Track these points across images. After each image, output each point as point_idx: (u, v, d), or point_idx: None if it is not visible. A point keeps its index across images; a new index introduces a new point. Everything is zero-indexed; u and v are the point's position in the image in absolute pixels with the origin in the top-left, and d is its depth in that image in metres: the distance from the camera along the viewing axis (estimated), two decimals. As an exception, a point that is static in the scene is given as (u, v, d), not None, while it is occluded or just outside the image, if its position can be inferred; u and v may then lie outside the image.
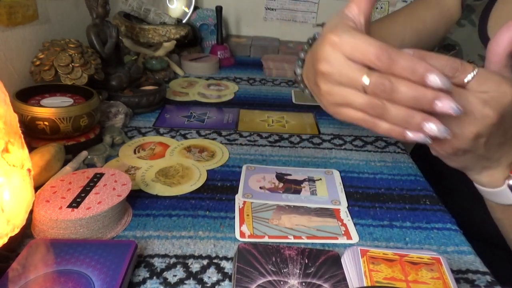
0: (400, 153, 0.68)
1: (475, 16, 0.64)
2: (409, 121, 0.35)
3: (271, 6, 1.37)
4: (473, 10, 0.66)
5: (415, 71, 0.33)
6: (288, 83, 1.02)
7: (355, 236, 0.47)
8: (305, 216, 0.50)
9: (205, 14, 1.24)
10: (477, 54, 0.60)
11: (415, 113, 0.34)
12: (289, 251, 0.41)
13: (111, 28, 0.78)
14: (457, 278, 0.42)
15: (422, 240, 0.48)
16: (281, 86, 0.99)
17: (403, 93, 0.33)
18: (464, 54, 0.63)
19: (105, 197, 0.45)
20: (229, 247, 0.45)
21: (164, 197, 0.53)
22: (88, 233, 0.43)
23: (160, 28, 1.05)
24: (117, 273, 0.37)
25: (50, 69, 0.66)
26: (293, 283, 0.38)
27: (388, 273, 0.38)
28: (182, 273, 0.41)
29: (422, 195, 0.56)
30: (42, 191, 0.46)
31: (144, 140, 0.67)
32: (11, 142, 0.34)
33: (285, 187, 0.56)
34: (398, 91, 0.33)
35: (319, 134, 0.74)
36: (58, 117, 0.56)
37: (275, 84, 1.00)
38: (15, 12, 0.69)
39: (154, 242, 0.45)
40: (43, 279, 0.36)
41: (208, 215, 0.50)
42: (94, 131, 0.63)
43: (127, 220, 0.48)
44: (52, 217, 0.42)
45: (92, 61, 0.70)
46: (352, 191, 0.57)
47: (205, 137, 0.70)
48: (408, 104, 0.34)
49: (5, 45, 0.68)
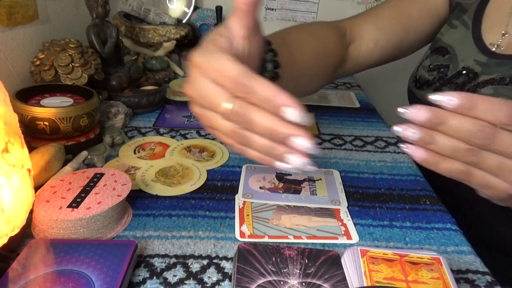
0: (400, 153, 0.68)
1: (467, 17, 0.63)
2: (272, 152, 0.34)
3: (271, 6, 1.37)
4: (464, 10, 0.64)
5: (271, 102, 0.32)
6: (288, 83, 1.02)
7: (355, 236, 0.47)
8: (305, 216, 0.50)
9: (205, 14, 1.24)
10: (473, 59, 0.59)
11: (276, 145, 0.33)
12: (289, 251, 0.41)
13: (111, 28, 0.78)
14: (457, 278, 0.42)
15: (422, 240, 0.48)
16: (281, 86, 0.99)
17: (259, 124, 0.32)
18: (459, 60, 0.62)
19: (105, 197, 0.45)
20: (229, 247, 0.45)
21: (164, 197, 0.53)
22: (88, 233, 0.43)
23: (160, 28, 1.05)
24: (117, 273, 0.37)
25: (50, 69, 0.66)
26: (293, 283, 0.38)
27: (388, 273, 0.38)
28: (182, 273, 0.41)
29: (422, 195, 0.56)
30: (42, 191, 0.46)
31: (144, 140, 0.67)
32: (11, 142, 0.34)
33: (285, 187, 0.56)
34: (254, 122, 0.33)
35: (319, 134, 0.74)
36: (58, 117, 0.56)
37: (275, 84, 1.00)
38: (15, 12, 0.69)
39: (154, 242, 0.45)
40: (43, 279, 0.36)
41: (208, 215, 0.50)
42: (94, 131, 0.63)
43: (127, 220, 0.48)
44: (52, 217, 0.42)
45: (92, 61, 0.70)
46: (352, 191, 0.57)
47: (205, 137, 0.70)
48: (266, 136, 0.33)
49: (5, 45, 0.68)
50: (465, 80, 0.59)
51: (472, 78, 0.58)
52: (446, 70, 0.63)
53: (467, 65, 0.60)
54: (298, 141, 0.32)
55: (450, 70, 0.62)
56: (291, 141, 0.32)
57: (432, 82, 0.64)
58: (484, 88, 0.56)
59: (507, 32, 0.58)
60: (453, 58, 0.63)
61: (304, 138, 0.32)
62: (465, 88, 0.58)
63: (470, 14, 0.63)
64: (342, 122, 0.80)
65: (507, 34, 0.58)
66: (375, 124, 0.80)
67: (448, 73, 0.62)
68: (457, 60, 0.62)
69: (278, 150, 0.34)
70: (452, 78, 0.61)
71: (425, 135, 0.33)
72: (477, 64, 0.59)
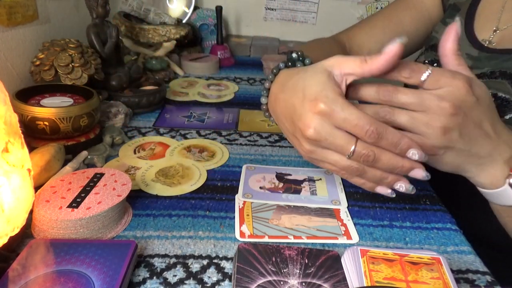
0: (400, 153, 0.68)
1: (460, 15, 0.64)
2: (382, 181, 0.41)
3: (271, 6, 1.37)
4: (458, 8, 0.65)
5: (398, 145, 0.38)
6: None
7: (355, 236, 0.47)
8: (305, 216, 0.50)
9: (205, 14, 1.24)
10: (465, 53, 0.60)
11: (388, 175, 0.40)
12: (289, 251, 0.41)
13: (111, 28, 0.78)
14: (457, 278, 0.42)
15: (422, 240, 0.48)
16: (281, 86, 0.99)
17: (384, 163, 0.39)
18: None
19: (105, 197, 0.45)
20: (229, 247, 0.45)
21: (164, 197, 0.53)
22: (88, 233, 0.43)
23: (160, 28, 1.05)
24: (117, 273, 0.37)
25: (50, 69, 0.66)
26: (293, 283, 0.38)
27: (388, 273, 0.38)
28: (182, 273, 0.41)
29: (422, 195, 0.56)
30: (42, 191, 0.46)
31: (144, 140, 0.67)
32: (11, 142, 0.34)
33: (285, 187, 0.56)
34: (380, 161, 0.38)
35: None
36: (58, 117, 0.56)
37: (275, 84, 1.00)
38: (15, 12, 0.69)
39: (154, 242, 0.45)
40: (43, 279, 0.36)
41: (208, 215, 0.50)
42: (94, 131, 0.63)
43: (127, 220, 0.48)
44: (52, 217, 0.42)
45: (92, 61, 0.70)
46: (352, 191, 0.57)
47: (205, 137, 0.70)
48: (386, 171, 0.40)
49: (5, 45, 0.68)
50: None
51: None
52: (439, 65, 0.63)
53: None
54: (417, 172, 0.39)
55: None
56: (412, 173, 0.40)
57: None
58: None
59: (498, 28, 0.59)
60: None
61: (422, 169, 0.39)
62: None
63: (463, 13, 0.64)
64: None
65: (498, 30, 0.59)
66: (375, 124, 0.80)
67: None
68: None
69: (389, 179, 0.41)
70: None
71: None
72: (469, 58, 0.60)
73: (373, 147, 0.38)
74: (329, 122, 0.38)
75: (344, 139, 0.38)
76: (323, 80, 0.39)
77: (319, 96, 0.38)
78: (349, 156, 0.39)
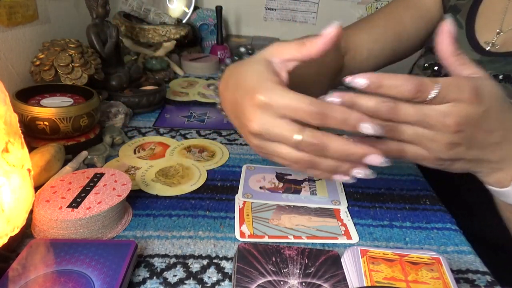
0: (400, 153, 0.68)
1: (460, 16, 0.63)
2: (337, 170, 0.37)
3: (271, 6, 1.37)
4: (458, 10, 0.65)
5: (348, 121, 0.34)
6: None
7: (355, 236, 0.47)
8: (305, 216, 0.50)
9: (205, 14, 1.24)
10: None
11: (342, 164, 0.37)
12: (289, 251, 0.41)
13: (111, 28, 0.78)
14: (457, 278, 0.42)
15: (422, 240, 0.48)
16: (281, 86, 0.99)
17: (334, 151, 0.35)
18: None
19: (105, 197, 0.45)
20: (229, 247, 0.45)
21: (164, 197, 0.53)
22: (88, 233, 0.43)
23: (160, 28, 1.05)
24: (117, 273, 0.37)
25: (50, 69, 0.66)
26: (293, 283, 0.38)
27: (388, 273, 0.38)
28: (182, 273, 0.41)
29: (422, 195, 0.56)
30: (42, 191, 0.46)
31: (144, 140, 0.67)
32: (11, 142, 0.34)
33: (285, 187, 0.56)
34: (329, 149, 0.35)
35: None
36: (58, 117, 0.56)
37: (275, 84, 1.00)
38: (15, 12, 0.69)
39: (154, 242, 0.45)
40: (43, 279, 0.36)
41: (208, 215, 0.50)
42: (94, 131, 0.63)
43: (127, 220, 0.48)
44: (52, 217, 0.42)
45: (92, 61, 0.70)
46: (352, 191, 0.57)
47: (205, 137, 0.70)
48: (341, 159, 0.36)
49: (5, 45, 0.68)
50: None
51: None
52: (439, 68, 0.63)
53: None
54: (372, 158, 0.35)
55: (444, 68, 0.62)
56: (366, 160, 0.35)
57: None
58: None
59: (502, 31, 0.58)
60: None
61: (378, 155, 0.35)
62: None
63: (464, 14, 0.63)
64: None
65: (502, 32, 0.58)
66: (375, 124, 0.80)
67: (441, 71, 0.62)
68: None
69: (343, 167, 0.37)
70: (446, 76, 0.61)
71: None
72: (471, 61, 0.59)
73: (321, 135, 0.35)
74: (270, 113, 0.36)
75: (288, 128, 0.35)
76: (260, 71, 0.38)
77: (256, 87, 0.37)
78: (297, 147, 0.36)
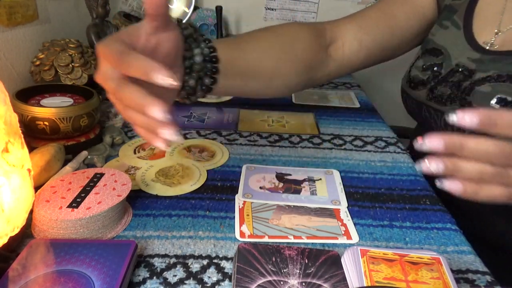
0: (400, 153, 0.68)
1: (457, 17, 0.63)
2: (149, 128, 0.36)
3: (271, 6, 1.37)
4: (454, 10, 0.64)
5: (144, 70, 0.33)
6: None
7: (355, 236, 0.47)
8: (305, 216, 0.50)
9: (205, 14, 1.24)
10: (466, 57, 0.59)
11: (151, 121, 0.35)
12: (289, 251, 0.41)
13: (111, 28, 0.78)
14: (457, 278, 0.42)
15: (422, 240, 0.48)
16: (281, 86, 0.99)
17: (129, 99, 0.35)
18: (453, 58, 0.62)
19: (105, 197, 0.45)
20: (229, 247, 0.45)
21: (164, 197, 0.53)
22: (88, 233, 0.43)
23: (160, 28, 1.05)
24: (117, 273, 0.37)
25: (50, 69, 0.67)
26: (293, 283, 0.38)
27: (388, 273, 0.38)
28: (182, 273, 0.41)
29: (422, 195, 0.56)
30: (42, 191, 0.46)
31: (144, 140, 0.67)
32: (11, 142, 0.34)
33: (285, 187, 0.56)
34: (125, 98, 0.36)
35: (319, 134, 0.74)
36: (58, 117, 0.56)
37: (275, 84, 1.00)
38: (15, 12, 0.69)
39: (154, 242, 0.45)
40: (43, 279, 0.36)
41: (208, 215, 0.50)
42: (94, 131, 0.63)
43: (127, 220, 0.48)
44: (52, 217, 0.42)
45: (92, 61, 0.70)
46: (352, 191, 0.57)
47: (205, 137, 0.70)
48: (139, 111, 0.35)
49: (5, 45, 0.68)
50: (460, 78, 0.59)
51: (468, 76, 0.58)
52: (439, 68, 0.63)
53: (462, 63, 0.60)
54: (153, 111, 0.33)
55: (444, 68, 0.62)
56: (149, 112, 0.34)
57: (427, 81, 0.64)
58: (482, 86, 0.56)
59: (500, 31, 0.58)
60: (446, 58, 0.63)
61: (156, 107, 0.33)
62: (462, 86, 0.58)
63: (461, 14, 0.63)
64: (342, 122, 0.80)
65: (500, 32, 0.58)
66: (375, 124, 0.80)
67: (442, 71, 0.62)
68: (451, 59, 0.62)
69: (152, 126, 0.35)
70: (447, 76, 0.61)
71: (448, 164, 0.33)
72: (470, 60, 0.59)
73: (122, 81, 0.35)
74: (101, 58, 0.37)
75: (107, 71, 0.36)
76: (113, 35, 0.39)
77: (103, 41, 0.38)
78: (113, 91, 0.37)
